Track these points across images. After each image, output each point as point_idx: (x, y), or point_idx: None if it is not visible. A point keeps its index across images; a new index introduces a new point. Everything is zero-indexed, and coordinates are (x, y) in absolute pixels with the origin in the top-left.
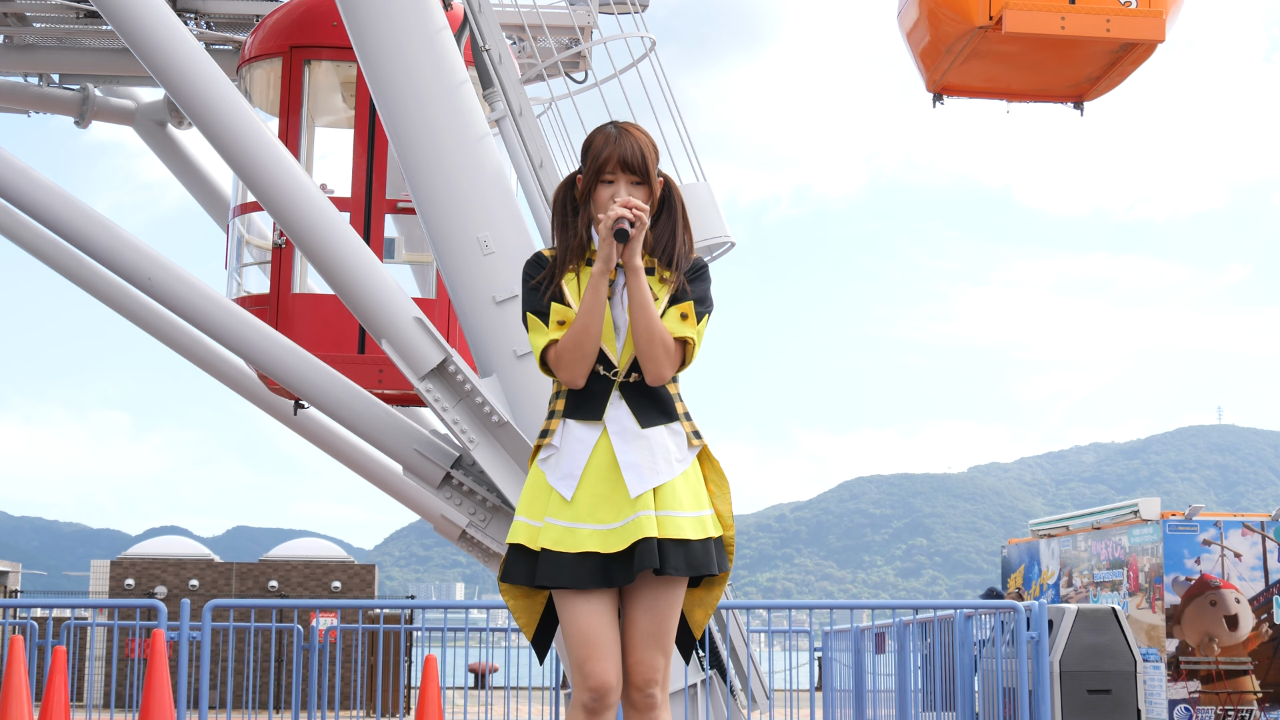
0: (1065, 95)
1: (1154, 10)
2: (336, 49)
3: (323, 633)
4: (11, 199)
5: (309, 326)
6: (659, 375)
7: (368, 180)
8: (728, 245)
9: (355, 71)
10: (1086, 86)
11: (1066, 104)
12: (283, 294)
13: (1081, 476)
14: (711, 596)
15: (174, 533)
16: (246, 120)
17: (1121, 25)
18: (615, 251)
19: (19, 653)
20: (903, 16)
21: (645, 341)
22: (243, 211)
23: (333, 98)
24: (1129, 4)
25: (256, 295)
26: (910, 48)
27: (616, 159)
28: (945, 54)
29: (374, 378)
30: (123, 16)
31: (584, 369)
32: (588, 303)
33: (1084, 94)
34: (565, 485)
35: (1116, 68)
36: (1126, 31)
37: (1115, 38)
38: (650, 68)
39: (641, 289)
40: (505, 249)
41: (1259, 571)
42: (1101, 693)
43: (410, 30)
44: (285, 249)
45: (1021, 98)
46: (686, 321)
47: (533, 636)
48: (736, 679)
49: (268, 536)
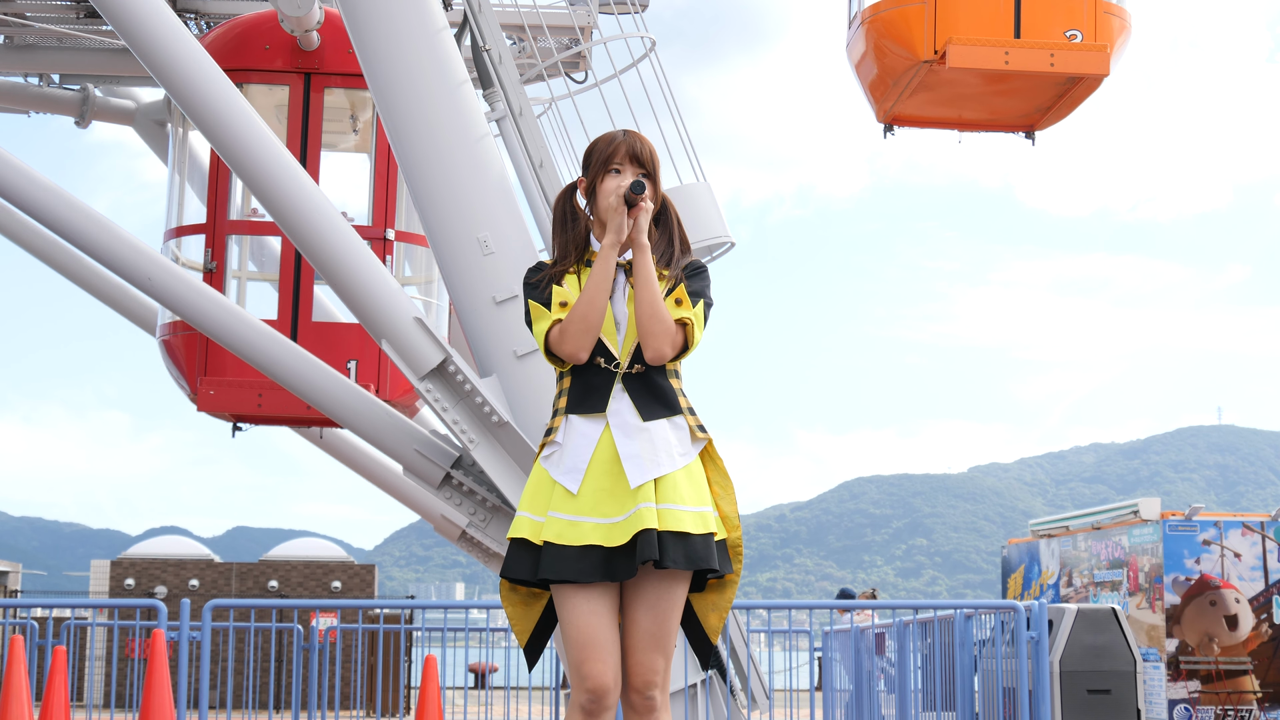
0: (1016, 126)
1: (1098, 45)
2: (269, 73)
3: (323, 633)
4: (11, 199)
5: None
6: (659, 352)
7: None
8: (728, 245)
9: (287, 95)
10: (1037, 117)
11: (1018, 134)
12: None
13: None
14: (724, 599)
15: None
16: (246, 120)
17: (1065, 60)
18: (626, 222)
19: (19, 653)
20: (850, 48)
21: (648, 317)
22: (176, 235)
23: (267, 120)
24: (1074, 38)
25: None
26: (859, 80)
27: (625, 150)
28: (893, 86)
29: (304, 404)
30: (123, 16)
31: (588, 341)
32: (596, 274)
33: (1035, 124)
34: (570, 479)
35: (1065, 99)
36: (1071, 66)
37: (1059, 72)
38: (650, 68)
39: (647, 265)
40: (505, 249)
41: (1259, 571)
42: (1101, 693)
43: (410, 30)
44: (215, 273)
45: (972, 128)
46: (682, 306)
47: (525, 644)
48: (736, 679)
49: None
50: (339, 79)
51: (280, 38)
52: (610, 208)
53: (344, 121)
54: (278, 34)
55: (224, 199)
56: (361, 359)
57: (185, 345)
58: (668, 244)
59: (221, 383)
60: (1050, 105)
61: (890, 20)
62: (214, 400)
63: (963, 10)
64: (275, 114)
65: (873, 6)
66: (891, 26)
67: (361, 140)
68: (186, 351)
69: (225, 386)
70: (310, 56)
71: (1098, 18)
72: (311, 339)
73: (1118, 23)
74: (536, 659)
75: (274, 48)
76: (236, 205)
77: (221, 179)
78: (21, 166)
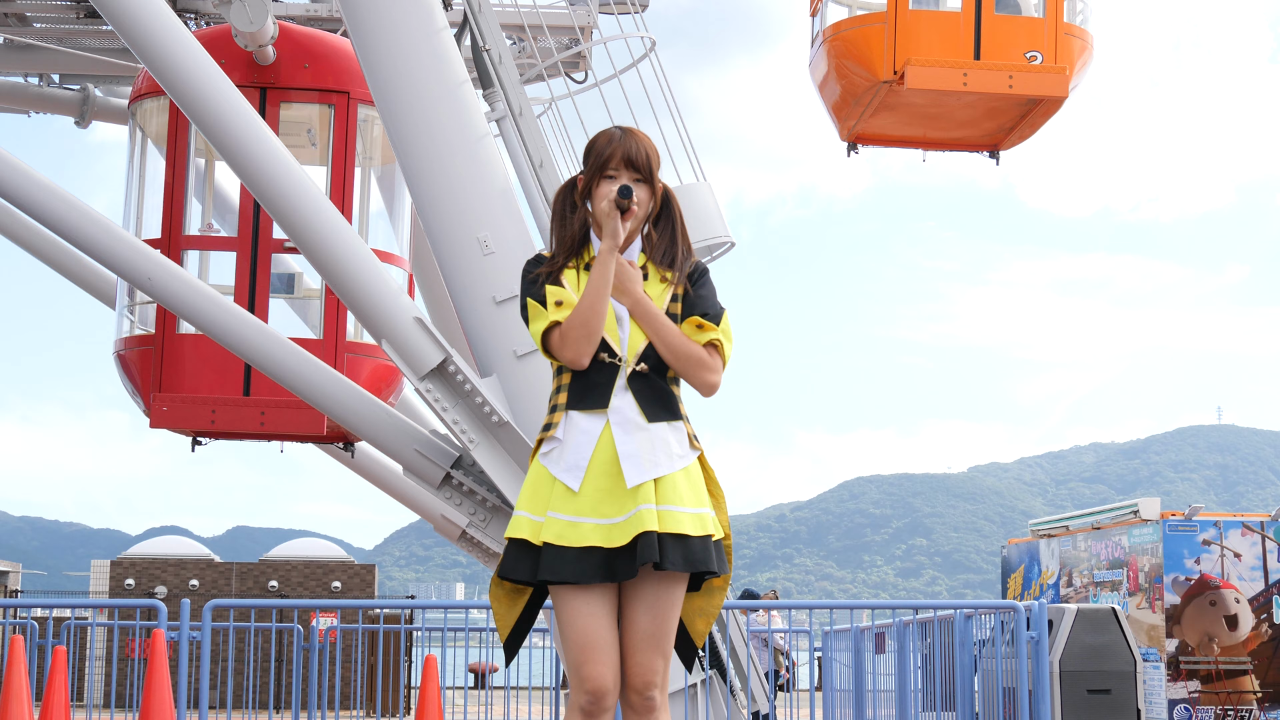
0: (980, 145)
1: (1058, 67)
2: None
3: (323, 633)
4: (11, 199)
5: (194, 368)
6: (709, 384)
7: (254, 219)
8: (727, 245)
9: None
10: (1001, 136)
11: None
12: (168, 335)
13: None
14: (712, 605)
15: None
16: (245, 119)
17: (1024, 82)
18: (621, 225)
19: (19, 653)
20: (813, 67)
21: (675, 361)
22: None
23: None
24: (1034, 59)
25: (141, 335)
26: (822, 99)
27: (621, 155)
28: (854, 106)
29: (256, 420)
30: (123, 16)
31: (589, 348)
32: (594, 280)
33: (999, 143)
34: (571, 477)
35: (1028, 119)
36: (1029, 88)
37: (1018, 94)
38: (650, 68)
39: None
40: (505, 249)
41: (1259, 571)
42: (1101, 693)
43: (411, 30)
44: None
45: (936, 147)
46: (705, 329)
47: (506, 639)
48: (736, 679)
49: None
50: (295, 93)
51: (236, 52)
52: (603, 213)
53: (301, 135)
54: (233, 48)
55: (179, 214)
56: None
57: (140, 361)
58: (670, 242)
59: (175, 399)
60: (1013, 125)
61: (851, 40)
62: (167, 417)
63: (923, 31)
64: None
65: (834, 26)
66: (852, 46)
67: (318, 154)
68: (141, 367)
69: (178, 403)
70: (266, 71)
71: (1058, 39)
72: None
73: (1079, 44)
74: (515, 653)
75: (229, 62)
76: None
77: (177, 194)
78: (21, 166)
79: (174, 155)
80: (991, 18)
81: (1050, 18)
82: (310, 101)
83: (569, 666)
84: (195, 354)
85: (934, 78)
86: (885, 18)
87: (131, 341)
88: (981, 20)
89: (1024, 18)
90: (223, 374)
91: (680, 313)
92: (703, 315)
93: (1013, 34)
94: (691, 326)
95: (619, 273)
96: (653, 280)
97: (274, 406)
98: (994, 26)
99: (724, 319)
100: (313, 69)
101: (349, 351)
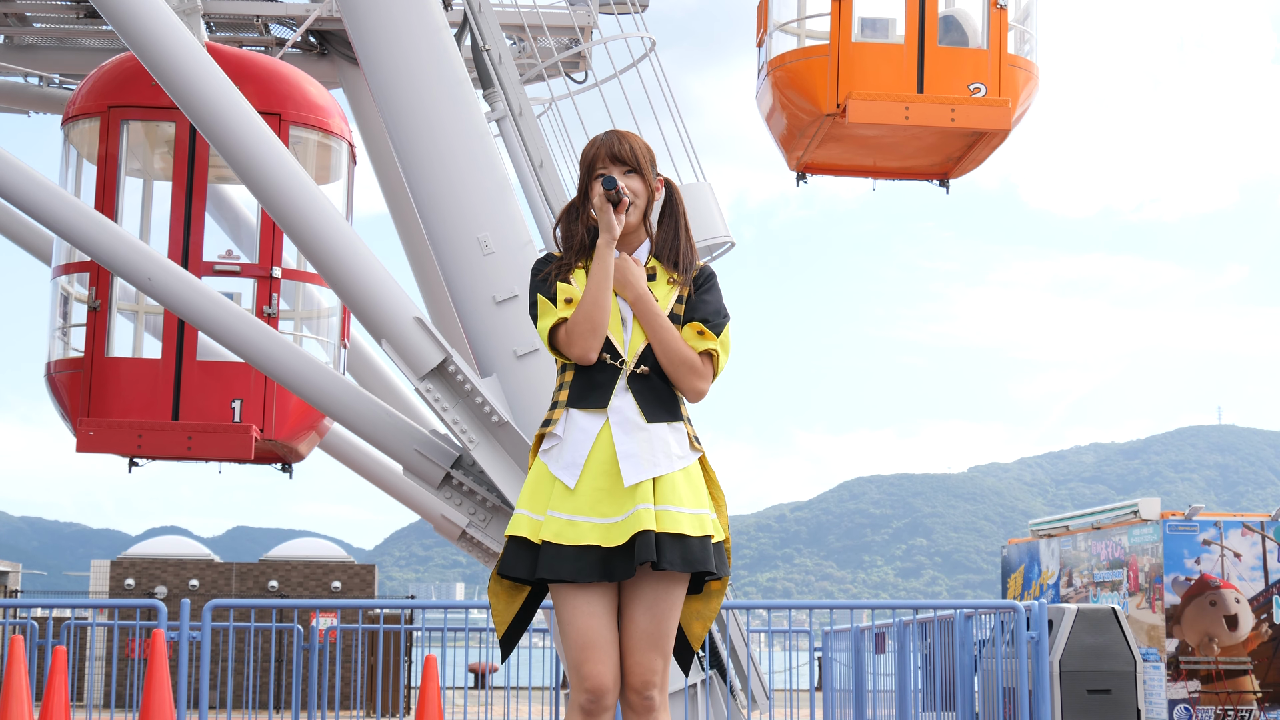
0: (929, 174)
1: (1001, 100)
2: (154, 109)
3: (323, 633)
4: (11, 199)
5: (123, 391)
6: (696, 390)
7: (185, 240)
8: (727, 245)
9: (174, 131)
10: (950, 165)
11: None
12: (97, 357)
13: (1081, 476)
14: (709, 608)
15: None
16: (245, 118)
17: (966, 115)
18: (615, 219)
19: (19, 653)
20: (759, 98)
21: (668, 364)
22: (64, 272)
23: (151, 156)
24: (977, 91)
25: (72, 359)
26: (769, 129)
27: (605, 152)
28: (800, 137)
29: (183, 445)
30: (123, 16)
31: (595, 343)
32: (595, 274)
33: (948, 172)
34: (568, 474)
35: (975, 149)
36: (971, 121)
37: (959, 128)
38: (650, 68)
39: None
40: (505, 249)
41: (1259, 571)
42: (1101, 693)
43: (411, 29)
44: (99, 312)
45: (886, 176)
46: (704, 336)
47: (503, 636)
48: (736, 679)
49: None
50: None
51: None
52: (597, 208)
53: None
54: None
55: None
56: (246, 398)
57: (69, 385)
58: (674, 236)
59: (101, 424)
60: (961, 154)
61: (795, 72)
62: (93, 441)
63: (866, 64)
64: (166, 149)
65: (778, 57)
66: (796, 78)
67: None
68: (70, 391)
69: (105, 428)
70: None
71: (1002, 71)
72: (196, 378)
73: (1023, 75)
74: (511, 649)
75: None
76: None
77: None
78: (21, 166)
79: (104, 175)
80: (935, 50)
81: (994, 50)
82: None
83: (569, 666)
84: (124, 378)
85: (876, 111)
86: (828, 50)
87: (62, 365)
88: (925, 53)
89: (968, 49)
90: (151, 398)
91: (683, 315)
92: (704, 321)
93: (956, 66)
94: (693, 332)
95: (621, 267)
96: (660, 281)
97: (201, 431)
98: (937, 59)
99: (725, 331)
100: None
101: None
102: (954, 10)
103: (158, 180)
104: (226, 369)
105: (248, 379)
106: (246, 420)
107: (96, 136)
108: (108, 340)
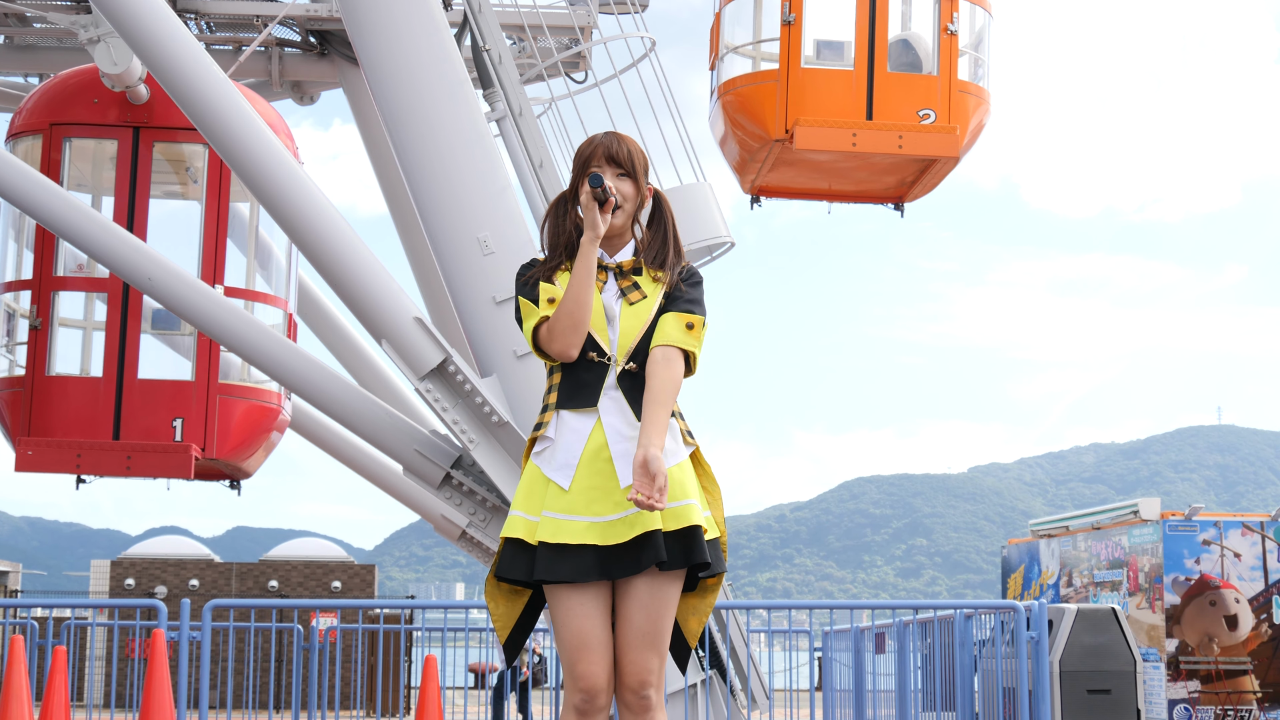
0: (883, 197)
1: (949, 126)
2: (95, 126)
3: (323, 633)
4: (11, 199)
5: (63, 410)
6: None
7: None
8: (727, 245)
9: (115, 148)
10: (903, 190)
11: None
12: (38, 376)
13: (1081, 476)
14: (705, 604)
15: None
16: (245, 119)
17: (914, 142)
18: (600, 217)
19: (19, 653)
20: (712, 124)
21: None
22: (7, 290)
23: (93, 172)
24: (927, 117)
25: (13, 377)
26: (723, 154)
27: (602, 152)
28: (752, 162)
29: (122, 464)
30: (123, 16)
31: (576, 339)
32: (578, 271)
33: (902, 196)
34: (562, 475)
35: (927, 174)
36: (919, 148)
37: (907, 154)
38: (650, 68)
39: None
40: (505, 249)
41: (1259, 571)
42: (1101, 693)
43: (411, 29)
44: (41, 331)
45: (840, 199)
46: (692, 332)
47: (506, 639)
48: (736, 679)
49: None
50: (168, 132)
51: (109, 92)
52: (584, 205)
53: (177, 173)
54: (104, 88)
55: (50, 255)
56: (188, 417)
57: (9, 404)
58: (661, 244)
59: (40, 443)
60: (914, 179)
61: (745, 96)
62: (31, 460)
63: (815, 89)
64: (108, 165)
65: (729, 82)
66: (746, 103)
67: (193, 193)
68: (10, 410)
69: (43, 448)
70: (139, 110)
71: (951, 97)
72: (138, 396)
73: (974, 101)
74: (516, 654)
75: (102, 101)
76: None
77: (48, 234)
78: (22, 166)
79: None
80: (885, 76)
81: (944, 76)
82: (185, 141)
83: (564, 665)
84: (65, 397)
85: (823, 138)
86: (778, 75)
87: (4, 383)
88: (874, 78)
89: (918, 75)
90: (92, 417)
91: (666, 306)
92: (688, 311)
93: (906, 92)
94: (681, 325)
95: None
96: (645, 280)
97: (140, 451)
98: (887, 85)
99: (700, 326)
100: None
101: (222, 394)
102: (909, 35)
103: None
104: (168, 388)
105: (189, 398)
106: (188, 439)
107: (39, 154)
108: (49, 358)
